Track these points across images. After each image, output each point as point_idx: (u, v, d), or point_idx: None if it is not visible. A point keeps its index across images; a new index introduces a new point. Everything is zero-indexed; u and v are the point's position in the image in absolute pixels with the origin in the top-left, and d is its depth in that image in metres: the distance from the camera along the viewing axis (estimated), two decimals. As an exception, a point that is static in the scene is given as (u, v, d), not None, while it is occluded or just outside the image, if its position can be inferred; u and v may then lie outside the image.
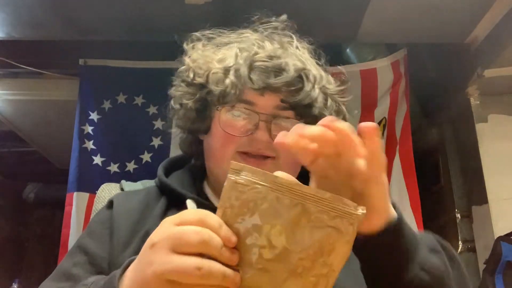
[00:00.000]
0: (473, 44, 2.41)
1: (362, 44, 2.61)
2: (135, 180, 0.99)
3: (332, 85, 0.87)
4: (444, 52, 2.68)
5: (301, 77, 0.80)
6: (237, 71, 0.80)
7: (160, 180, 0.88)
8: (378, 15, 2.19)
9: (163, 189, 0.87)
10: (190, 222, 0.51)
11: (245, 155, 0.80)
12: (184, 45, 0.91)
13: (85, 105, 2.59)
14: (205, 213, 0.52)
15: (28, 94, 2.91)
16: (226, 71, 0.81)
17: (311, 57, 0.88)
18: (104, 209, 0.88)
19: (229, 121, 0.81)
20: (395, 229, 0.60)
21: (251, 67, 0.79)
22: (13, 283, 3.26)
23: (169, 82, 0.93)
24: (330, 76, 0.89)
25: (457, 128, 2.79)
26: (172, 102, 0.90)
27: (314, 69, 0.84)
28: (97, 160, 2.52)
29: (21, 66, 2.67)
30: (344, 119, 0.87)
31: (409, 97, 2.65)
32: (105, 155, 2.53)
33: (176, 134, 0.95)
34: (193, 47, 0.89)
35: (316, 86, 0.81)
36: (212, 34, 0.91)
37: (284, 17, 0.93)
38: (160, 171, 0.90)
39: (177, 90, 0.88)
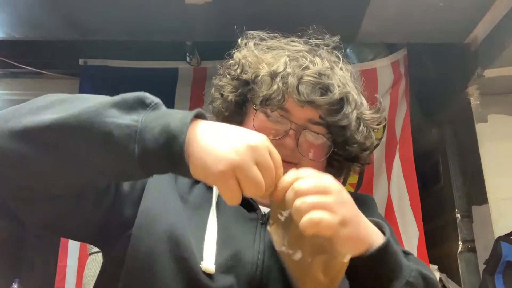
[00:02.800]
0: (473, 44, 2.41)
1: (362, 44, 2.61)
2: (135, 180, 0.99)
3: (368, 112, 0.92)
4: (444, 52, 2.68)
5: (343, 99, 0.84)
6: (285, 78, 0.83)
7: None
8: (378, 15, 2.19)
9: None
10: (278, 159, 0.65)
11: None
12: (239, 41, 0.94)
13: (85, 105, 2.59)
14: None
15: (28, 94, 2.90)
16: (274, 76, 0.84)
17: (352, 80, 0.92)
18: None
19: (262, 121, 0.86)
20: (375, 258, 0.67)
21: (300, 79, 0.83)
22: (13, 283, 3.25)
23: (169, 82, 0.96)
24: (365, 101, 0.94)
25: (457, 128, 2.79)
26: (212, 89, 0.95)
27: (355, 94, 0.88)
28: (97, 160, 2.51)
29: (21, 66, 2.67)
30: (371, 146, 0.93)
31: (409, 97, 2.65)
32: (105, 155, 2.53)
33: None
34: (245, 44, 0.93)
35: (354, 111, 0.86)
36: (265, 35, 0.94)
37: (337, 38, 0.97)
38: None
39: (221, 81, 0.93)
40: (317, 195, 0.63)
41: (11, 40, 2.34)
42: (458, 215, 2.68)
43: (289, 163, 0.82)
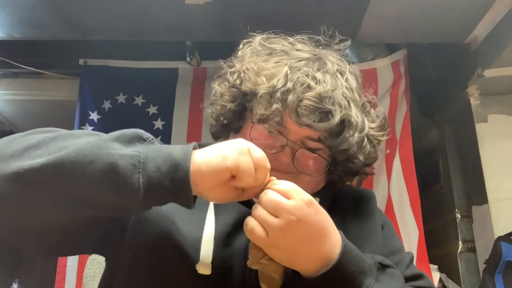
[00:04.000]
0: (473, 44, 2.41)
1: (362, 44, 2.61)
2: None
3: (372, 127, 0.88)
4: (444, 52, 2.68)
5: (344, 122, 0.81)
6: (284, 95, 0.80)
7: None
8: (378, 15, 2.19)
9: None
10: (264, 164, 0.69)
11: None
12: (241, 46, 0.92)
13: (85, 105, 2.59)
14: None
15: (28, 94, 2.91)
16: (273, 92, 0.81)
17: (357, 88, 0.89)
18: None
19: (259, 134, 0.84)
20: (327, 276, 0.67)
21: (300, 102, 0.79)
22: (13, 283, 3.25)
23: (169, 82, 0.94)
24: (372, 111, 0.92)
25: (457, 128, 2.79)
26: (213, 92, 0.92)
27: (358, 111, 0.85)
28: (97, 160, 2.52)
29: (21, 66, 2.67)
30: (375, 159, 0.90)
31: (409, 97, 2.65)
32: (105, 155, 2.53)
33: (176, 134, 0.97)
34: (245, 49, 0.91)
35: (356, 134, 0.83)
36: (266, 37, 0.92)
37: (348, 42, 0.94)
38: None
39: (221, 87, 0.90)
40: (268, 213, 0.67)
41: (11, 40, 2.34)
42: (458, 215, 2.68)
43: (287, 173, 0.82)
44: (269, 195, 0.67)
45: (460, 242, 2.63)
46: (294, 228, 0.66)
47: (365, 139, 0.86)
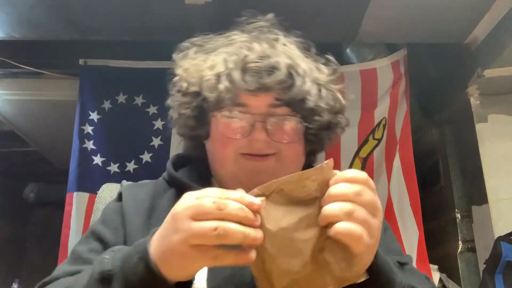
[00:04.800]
0: (473, 44, 2.41)
1: (362, 44, 2.61)
2: (135, 180, 0.99)
3: (324, 75, 0.87)
4: (444, 52, 2.68)
5: (291, 73, 0.80)
6: (229, 75, 0.80)
7: (169, 173, 0.91)
8: (378, 15, 2.19)
9: (172, 182, 0.89)
10: (206, 214, 0.57)
11: (247, 155, 0.81)
12: (174, 56, 0.92)
13: (85, 105, 2.59)
14: (225, 190, 0.60)
15: (28, 94, 2.91)
16: (218, 77, 0.81)
17: (299, 50, 0.88)
18: (114, 202, 0.91)
19: (226, 124, 0.82)
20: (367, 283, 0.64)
21: (244, 70, 0.79)
22: (13, 283, 3.25)
23: (169, 82, 0.93)
24: (321, 65, 0.89)
25: (457, 128, 2.79)
26: (170, 112, 0.91)
27: (303, 63, 0.84)
28: (97, 160, 2.52)
29: (21, 66, 2.67)
30: (341, 106, 0.88)
31: (409, 97, 2.65)
32: (105, 155, 2.53)
33: (176, 134, 0.96)
34: (182, 57, 0.90)
35: (307, 80, 0.81)
36: (200, 41, 0.91)
37: (270, 15, 0.94)
38: (169, 165, 0.92)
39: (174, 100, 0.89)
40: (368, 213, 0.60)
41: (11, 40, 2.35)
42: (458, 215, 2.69)
43: (267, 156, 0.81)
44: (366, 195, 0.59)
45: (460, 242, 2.64)
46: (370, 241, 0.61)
47: (322, 89, 0.84)
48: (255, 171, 0.81)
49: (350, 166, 2.54)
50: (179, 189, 0.85)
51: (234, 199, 0.57)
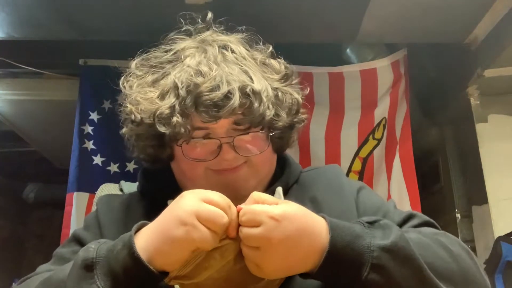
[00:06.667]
0: (473, 44, 2.41)
1: (362, 44, 2.61)
2: (135, 181, 0.99)
3: (275, 76, 0.87)
4: (444, 52, 2.68)
5: (246, 96, 0.80)
6: (182, 108, 0.79)
7: (141, 185, 0.93)
8: (378, 15, 2.19)
9: (145, 193, 0.91)
10: (218, 204, 0.66)
11: (218, 171, 0.83)
12: (120, 85, 0.93)
13: (85, 105, 2.59)
14: (229, 200, 0.68)
15: (28, 94, 2.90)
16: (171, 109, 0.80)
17: (247, 54, 0.87)
18: (92, 212, 0.94)
19: (192, 151, 0.82)
20: (329, 261, 0.66)
21: (196, 103, 0.78)
22: (13, 283, 3.25)
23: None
24: (271, 61, 0.89)
25: (457, 128, 2.79)
26: (126, 139, 0.90)
27: (256, 73, 0.83)
28: (97, 160, 2.52)
29: (21, 66, 2.67)
30: (299, 104, 0.90)
31: (409, 97, 2.65)
32: (105, 155, 2.53)
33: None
34: (130, 86, 0.89)
35: (263, 96, 0.81)
36: (141, 60, 0.92)
37: (209, 15, 0.95)
38: (140, 176, 0.94)
39: (129, 130, 0.88)
40: (249, 247, 0.67)
41: (11, 40, 2.34)
42: (458, 215, 2.69)
43: (240, 167, 0.83)
44: (244, 233, 0.67)
45: (460, 242, 2.64)
46: (277, 249, 0.66)
47: (278, 93, 0.85)
48: (230, 182, 0.83)
49: (350, 166, 2.54)
50: (152, 201, 0.88)
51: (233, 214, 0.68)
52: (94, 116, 2.57)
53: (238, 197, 0.78)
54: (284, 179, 0.91)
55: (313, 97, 2.54)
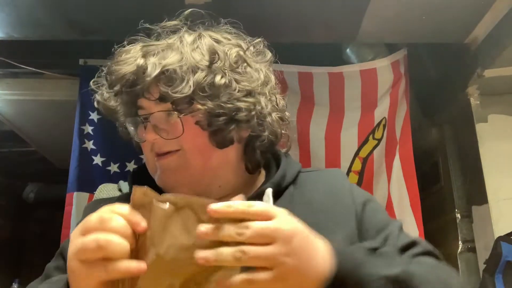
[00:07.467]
0: (473, 44, 2.41)
1: (362, 44, 2.61)
2: (135, 180, 1.00)
3: (202, 61, 0.82)
4: (444, 52, 2.68)
5: (164, 74, 0.80)
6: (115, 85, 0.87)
7: (130, 187, 0.93)
8: (378, 15, 2.19)
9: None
10: (91, 229, 0.58)
11: (155, 155, 0.84)
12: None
13: (85, 105, 2.59)
14: (106, 211, 0.60)
15: (28, 94, 2.90)
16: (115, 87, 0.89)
17: (211, 40, 0.87)
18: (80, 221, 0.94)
19: (140, 131, 0.86)
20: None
21: (120, 78, 0.87)
22: (13, 283, 3.25)
23: None
24: (238, 52, 0.86)
25: (457, 128, 2.79)
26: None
27: (180, 57, 0.82)
28: (97, 160, 2.52)
29: (21, 66, 2.67)
30: (223, 90, 0.82)
31: (409, 97, 2.65)
32: (105, 155, 2.53)
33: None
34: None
35: (187, 78, 0.79)
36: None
37: (187, 12, 1.00)
38: (129, 178, 0.94)
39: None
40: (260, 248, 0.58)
41: (11, 40, 2.34)
42: (458, 215, 2.68)
43: (169, 153, 0.82)
44: (251, 228, 0.57)
45: (460, 242, 2.63)
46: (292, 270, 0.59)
47: (216, 77, 0.80)
48: (161, 170, 0.83)
49: (350, 166, 2.54)
50: None
51: (121, 214, 0.59)
52: (94, 116, 2.57)
53: (169, 187, 0.81)
54: (276, 179, 0.86)
55: (313, 97, 2.54)
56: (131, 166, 2.53)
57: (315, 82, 2.54)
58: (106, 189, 1.10)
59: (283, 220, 0.60)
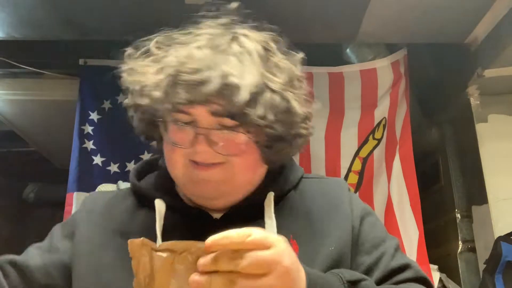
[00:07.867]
0: (473, 44, 2.41)
1: (362, 44, 2.61)
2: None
3: (279, 80, 0.80)
4: (444, 52, 2.68)
5: (227, 85, 0.74)
6: (165, 86, 0.77)
7: (131, 182, 0.91)
8: (378, 15, 2.19)
9: (135, 191, 0.90)
10: None
11: (193, 163, 0.78)
12: (126, 55, 0.91)
13: (85, 105, 2.59)
14: None
15: (28, 94, 2.90)
16: (156, 84, 0.78)
17: (257, 53, 0.82)
18: (79, 208, 0.94)
19: (172, 131, 0.80)
20: None
21: (175, 82, 0.75)
22: (13, 283, 3.25)
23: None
24: (282, 66, 0.84)
25: (457, 128, 2.79)
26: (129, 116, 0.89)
27: (249, 73, 0.77)
28: (97, 160, 2.52)
29: (21, 66, 2.67)
30: (298, 117, 0.81)
31: (409, 97, 2.65)
32: (105, 155, 2.53)
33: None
34: (133, 57, 0.89)
35: (247, 92, 0.74)
36: (162, 36, 0.89)
37: (234, 4, 0.91)
38: (132, 174, 0.93)
39: (127, 101, 0.86)
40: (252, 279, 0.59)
41: (11, 40, 2.35)
42: (458, 215, 2.68)
43: (213, 165, 0.77)
44: (245, 260, 0.58)
45: (460, 242, 2.63)
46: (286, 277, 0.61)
47: (277, 98, 0.77)
48: (201, 180, 0.78)
49: (350, 166, 2.54)
50: (141, 198, 0.88)
51: None
52: (94, 116, 2.57)
53: (207, 198, 0.80)
54: (279, 184, 0.86)
55: (313, 97, 2.54)
56: (131, 166, 2.53)
57: (315, 82, 2.54)
58: (105, 189, 1.11)
59: (280, 252, 0.60)
